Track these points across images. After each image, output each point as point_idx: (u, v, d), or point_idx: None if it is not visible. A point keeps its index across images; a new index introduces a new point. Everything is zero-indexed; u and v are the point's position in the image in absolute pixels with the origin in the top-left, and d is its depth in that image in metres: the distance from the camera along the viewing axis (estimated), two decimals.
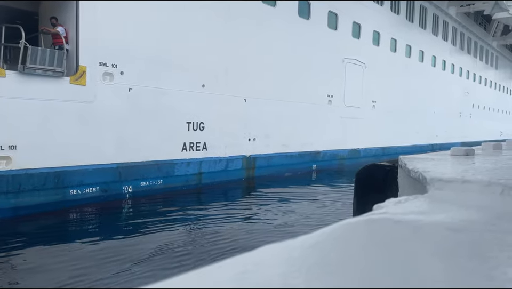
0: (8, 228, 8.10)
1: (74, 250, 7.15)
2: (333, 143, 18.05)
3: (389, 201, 1.20)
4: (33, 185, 8.83)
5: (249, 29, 13.78)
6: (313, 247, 0.78)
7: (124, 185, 10.56)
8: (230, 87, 13.25)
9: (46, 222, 8.65)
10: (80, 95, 9.56)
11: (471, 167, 1.89)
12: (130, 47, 10.48)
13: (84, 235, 8.14)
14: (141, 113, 10.82)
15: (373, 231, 0.88)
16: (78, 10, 9.50)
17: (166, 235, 8.16)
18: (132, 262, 6.53)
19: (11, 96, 8.44)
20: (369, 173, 2.86)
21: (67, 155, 9.34)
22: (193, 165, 12.30)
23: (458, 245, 0.82)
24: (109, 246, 7.38)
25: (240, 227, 9.20)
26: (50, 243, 7.41)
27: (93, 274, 5.97)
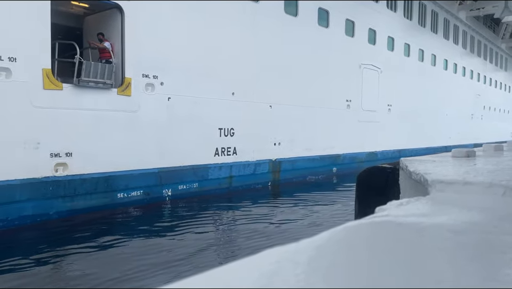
0: (65, 229, 8.78)
1: (126, 247, 7.80)
2: (351, 146, 18.63)
3: (391, 204, 1.20)
4: (86, 189, 9.53)
5: (274, 39, 14.46)
6: (316, 250, 0.78)
7: (164, 189, 11.23)
8: (256, 94, 13.92)
9: (99, 224, 9.33)
10: (126, 105, 10.28)
11: (472, 168, 1.88)
12: (168, 59, 11.18)
13: (135, 233, 8.80)
14: (178, 120, 11.51)
15: (375, 234, 0.88)
16: (123, 26, 10.23)
17: (206, 233, 8.84)
18: (178, 255, 7.19)
19: (67, 107, 9.17)
20: (370, 175, 2.86)
21: (115, 161, 10.04)
22: (224, 168, 12.96)
23: (460, 247, 0.81)
24: (156, 243, 8.03)
25: (272, 226, 9.85)
26: (106, 243, 8.09)
27: (147, 267, 6.61)
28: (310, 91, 16.13)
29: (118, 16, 10.32)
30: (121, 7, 10.13)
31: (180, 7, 11.35)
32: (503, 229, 0.95)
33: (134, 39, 10.39)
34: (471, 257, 0.76)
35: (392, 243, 0.82)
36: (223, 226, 9.87)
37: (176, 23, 11.30)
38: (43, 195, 8.79)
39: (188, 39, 11.66)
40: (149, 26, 10.68)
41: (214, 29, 12.35)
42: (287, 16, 15.03)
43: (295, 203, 12.13)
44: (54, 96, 8.93)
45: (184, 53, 11.57)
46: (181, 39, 11.49)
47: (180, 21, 11.39)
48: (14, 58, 8.26)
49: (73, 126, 9.25)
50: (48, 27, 8.80)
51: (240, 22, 13.20)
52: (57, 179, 9.01)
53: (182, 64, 11.51)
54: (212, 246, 8.04)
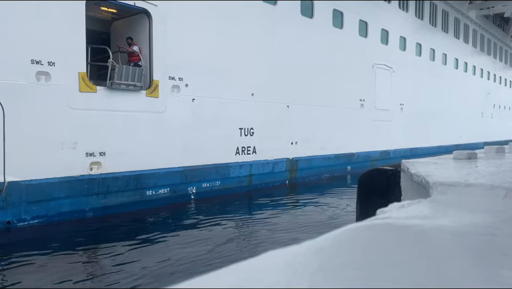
0: (100, 225, 9.24)
1: (160, 242, 8.24)
2: (365, 145, 18.95)
3: (392, 206, 1.20)
4: (118, 187, 9.98)
5: (291, 41, 14.83)
6: (317, 252, 0.78)
7: (189, 186, 11.66)
8: (275, 94, 14.31)
9: (130, 220, 9.78)
10: (154, 106, 10.72)
11: (473, 170, 1.86)
12: (193, 62, 11.60)
13: (167, 228, 9.24)
14: (202, 121, 11.93)
15: (376, 236, 0.88)
16: (151, 30, 10.66)
17: (230, 228, 9.27)
18: (209, 246, 7.60)
19: (101, 109, 9.62)
20: (372, 177, 2.86)
21: (144, 160, 10.48)
22: (245, 167, 13.37)
23: (462, 249, 0.81)
24: (187, 236, 8.45)
25: (294, 221, 10.27)
26: (139, 238, 8.53)
27: (180, 261, 7.03)
28: (325, 91, 16.49)
29: (146, 21, 10.75)
30: (149, 12, 10.56)
31: (203, 12, 11.77)
32: (504, 231, 0.94)
33: (161, 42, 10.82)
34: (473, 259, 0.76)
35: (393, 246, 0.82)
36: (246, 221, 10.28)
37: (199, 27, 11.72)
38: (79, 192, 9.26)
39: (210, 42, 12.07)
40: (175, 30, 11.11)
41: (235, 32, 12.76)
42: (303, 18, 15.40)
43: (312, 200, 12.52)
44: (88, 98, 9.39)
45: (207, 56, 11.99)
46: (204, 42, 11.91)
47: (203, 25, 11.81)
48: (53, 63, 8.73)
49: (106, 126, 9.71)
50: (84, 33, 9.26)
51: (259, 25, 13.59)
52: (92, 177, 9.47)
53: (205, 66, 11.93)
54: (237, 238, 8.47)
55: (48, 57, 8.66)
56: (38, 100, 8.56)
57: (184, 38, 11.37)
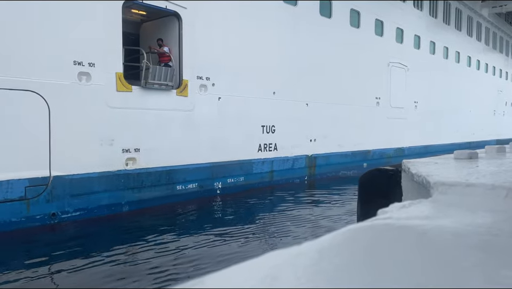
0: (136, 218, 9.75)
1: (192, 236, 8.71)
2: (380, 142, 19.28)
3: (393, 206, 1.20)
4: (151, 182, 10.48)
5: (310, 40, 15.21)
6: (318, 253, 0.78)
7: (215, 182, 12.13)
8: (295, 93, 14.71)
9: (163, 213, 10.27)
10: (183, 104, 11.18)
11: (474, 170, 1.87)
12: (219, 62, 12.04)
13: (196, 221, 9.72)
14: (227, 118, 12.38)
15: (377, 237, 0.88)
16: (181, 32, 11.12)
17: (258, 220, 9.71)
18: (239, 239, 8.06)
19: (135, 108, 10.11)
20: (372, 177, 2.86)
21: (174, 156, 10.96)
22: (267, 163, 13.81)
23: (463, 249, 0.81)
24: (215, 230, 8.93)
25: (318, 214, 10.72)
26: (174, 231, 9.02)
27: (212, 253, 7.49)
28: (343, 90, 16.85)
29: (176, 23, 11.20)
30: (179, 15, 11.01)
31: (228, 14, 12.20)
32: (506, 231, 0.94)
33: (190, 43, 11.27)
34: (474, 259, 0.75)
35: (394, 246, 0.82)
36: (269, 215, 10.72)
37: (225, 29, 12.15)
38: (116, 187, 9.77)
39: (234, 42, 12.50)
40: (202, 31, 11.55)
41: (257, 32, 13.17)
42: (322, 18, 15.76)
43: (330, 197, 12.95)
44: (125, 97, 9.88)
45: (231, 56, 12.42)
46: (229, 43, 12.34)
47: (228, 27, 12.24)
48: (93, 64, 9.22)
49: (140, 124, 10.20)
50: (120, 35, 9.74)
51: (280, 25, 13.99)
52: (127, 172, 9.97)
53: (230, 66, 12.37)
54: (259, 232, 8.93)
55: (89, 59, 9.16)
56: (80, 99, 9.06)
57: (211, 39, 11.81)
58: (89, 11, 9.14)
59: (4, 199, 7.97)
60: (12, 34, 8.07)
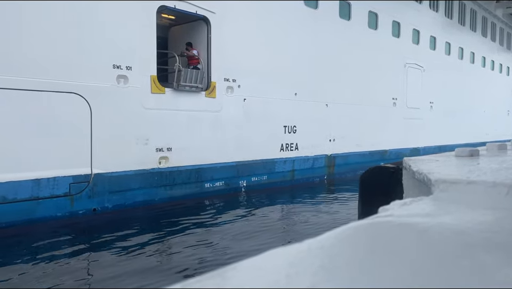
0: (167, 213, 10.21)
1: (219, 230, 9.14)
2: (397, 142, 19.56)
3: (394, 204, 1.20)
4: (182, 180, 10.94)
5: (329, 43, 15.56)
6: (319, 251, 0.79)
7: (240, 180, 12.57)
8: (315, 94, 15.08)
9: (191, 209, 10.72)
10: (212, 106, 11.63)
11: (476, 168, 1.86)
12: (244, 64, 12.47)
13: (224, 217, 10.16)
14: (251, 119, 12.81)
15: (378, 234, 0.88)
16: (210, 36, 11.56)
17: (278, 216, 10.13)
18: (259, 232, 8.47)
19: (168, 109, 10.58)
20: (373, 175, 2.85)
21: (203, 155, 11.41)
22: (288, 163, 14.21)
23: (464, 247, 0.81)
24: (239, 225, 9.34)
25: (337, 210, 11.09)
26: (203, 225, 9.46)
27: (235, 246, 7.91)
28: (361, 90, 17.18)
29: (204, 27, 11.65)
30: (208, 19, 11.46)
31: (252, 18, 12.61)
32: (507, 228, 0.94)
33: (218, 46, 11.71)
34: (475, 257, 0.75)
35: (395, 244, 0.82)
36: (292, 211, 11.12)
37: (249, 32, 12.58)
38: (150, 184, 10.24)
39: (259, 45, 12.92)
40: (229, 35, 11.99)
41: (280, 35, 13.57)
42: (341, 20, 16.11)
43: (346, 195, 13.32)
44: (158, 99, 10.35)
45: (256, 58, 12.84)
46: (254, 46, 12.76)
47: (252, 30, 12.66)
48: (130, 67, 9.70)
49: (172, 124, 10.66)
50: (154, 39, 10.21)
51: (301, 28, 14.37)
52: (160, 170, 10.45)
53: (254, 68, 12.79)
54: (283, 226, 9.34)
55: (126, 62, 9.64)
56: (118, 101, 9.55)
57: (237, 42, 12.24)
58: (126, 17, 9.61)
59: (50, 195, 8.49)
60: (58, 40, 8.57)
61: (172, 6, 10.58)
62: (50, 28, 8.46)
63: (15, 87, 8.00)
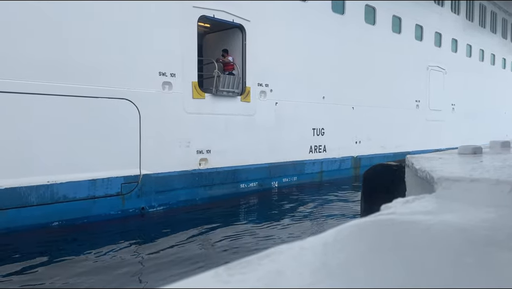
0: (206, 212, 10.74)
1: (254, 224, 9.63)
2: (419, 144, 19.81)
3: (396, 201, 1.20)
4: (220, 180, 11.48)
5: (355, 47, 15.97)
6: (321, 248, 0.78)
7: (272, 181, 13.06)
8: (342, 97, 15.50)
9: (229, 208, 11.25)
10: (246, 110, 12.16)
11: (479, 165, 1.86)
12: (275, 69, 12.97)
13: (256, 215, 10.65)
14: (282, 122, 13.30)
15: (381, 232, 0.88)
16: (244, 43, 12.10)
17: (308, 211, 10.58)
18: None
19: (208, 113, 11.14)
20: (376, 173, 2.84)
21: (238, 157, 11.94)
22: (317, 164, 14.66)
23: (467, 244, 0.80)
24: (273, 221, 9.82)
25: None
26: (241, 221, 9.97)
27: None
28: (385, 93, 17.53)
29: (239, 34, 12.20)
30: (244, 27, 12.00)
31: (283, 25, 13.12)
32: (510, 226, 0.93)
33: (252, 53, 12.25)
34: (478, 255, 0.75)
35: (398, 241, 0.82)
36: (318, 207, 11.56)
37: (281, 38, 13.08)
38: (192, 184, 10.80)
39: (290, 51, 13.41)
40: (262, 41, 12.51)
41: (308, 40, 14.05)
42: (366, 25, 16.51)
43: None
44: (199, 104, 10.92)
45: (287, 63, 13.34)
46: (285, 52, 13.26)
47: (283, 37, 13.16)
48: (174, 74, 10.29)
49: (211, 128, 11.22)
50: (196, 47, 10.79)
51: (328, 33, 14.82)
52: (201, 171, 11.01)
53: (285, 72, 13.28)
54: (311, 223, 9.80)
55: (171, 69, 10.23)
56: (163, 106, 10.13)
57: (269, 48, 12.75)
58: (170, 27, 10.21)
59: (105, 194, 9.10)
60: (111, 49, 9.20)
61: (211, 15, 11.15)
62: (104, 39, 9.08)
63: (74, 94, 8.63)
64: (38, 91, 8.01)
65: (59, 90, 8.32)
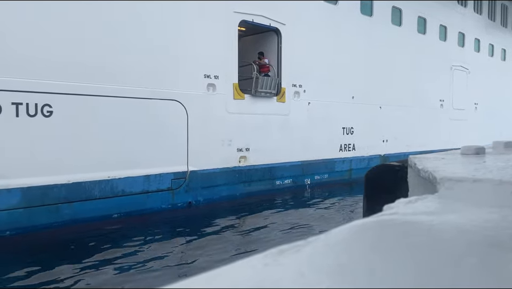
0: (245, 206, 11.30)
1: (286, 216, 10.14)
2: (443, 143, 20.05)
3: (399, 202, 1.20)
4: (258, 177, 12.03)
5: (382, 48, 16.36)
6: (323, 249, 0.78)
7: (305, 178, 13.56)
8: (370, 97, 15.92)
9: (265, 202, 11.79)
10: (282, 109, 12.69)
11: (482, 166, 1.85)
12: (308, 70, 13.47)
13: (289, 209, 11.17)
14: (314, 121, 13.78)
15: (383, 232, 0.87)
16: (280, 46, 12.63)
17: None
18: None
19: (247, 113, 11.70)
20: (378, 173, 2.83)
21: (274, 155, 12.47)
22: (346, 162, 15.11)
23: (470, 245, 0.80)
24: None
25: None
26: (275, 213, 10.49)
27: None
28: (411, 93, 17.88)
29: (275, 37, 12.73)
30: (280, 31, 12.53)
31: (316, 29, 13.60)
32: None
33: (287, 55, 12.77)
34: (481, 255, 0.74)
35: (400, 242, 0.81)
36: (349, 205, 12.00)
37: (313, 41, 13.57)
38: (232, 181, 11.37)
39: (320, 52, 13.89)
40: (296, 44, 13.02)
41: (338, 42, 14.51)
42: (393, 26, 16.89)
43: None
44: (239, 104, 11.48)
45: (318, 64, 13.82)
46: (316, 53, 13.75)
47: (315, 39, 13.65)
48: (217, 76, 10.87)
49: (250, 127, 11.78)
50: (236, 51, 11.35)
51: (358, 35, 15.25)
52: (240, 168, 11.57)
53: (317, 73, 13.77)
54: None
55: (214, 72, 10.81)
56: (208, 106, 10.72)
57: (302, 50, 13.25)
58: (214, 32, 10.79)
59: (157, 189, 9.72)
60: (161, 54, 9.81)
61: (250, 20, 11.70)
62: (157, 46, 9.70)
63: (129, 96, 9.27)
64: (103, 93, 8.67)
65: (120, 93, 8.97)
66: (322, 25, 13.81)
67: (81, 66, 8.47)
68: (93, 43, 8.67)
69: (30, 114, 7.81)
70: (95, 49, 8.68)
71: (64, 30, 8.29)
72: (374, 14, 15.92)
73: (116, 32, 9.02)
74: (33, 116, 7.85)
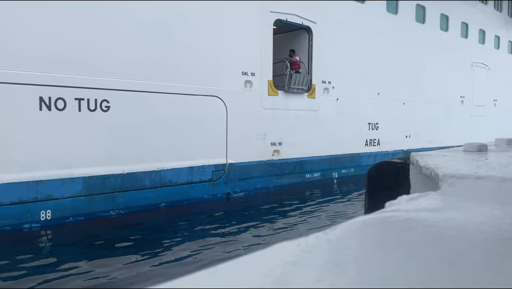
0: (276, 197, 11.81)
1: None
2: (463, 139, 20.28)
3: (401, 198, 1.20)
4: (289, 170, 12.54)
5: (406, 45, 16.70)
6: (326, 244, 0.79)
7: (332, 172, 14.04)
8: (394, 93, 16.30)
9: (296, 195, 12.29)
10: (312, 105, 13.16)
11: (484, 163, 1.84)
12: (337, 67, 13.90)
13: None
14: (342, 117, 14.23)
15: (385, 229, 0.87)
16: (311, 43, 13.08)
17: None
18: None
19: (280, 108, 12.20)
20: (381, 170, 2.85)
21: (304, 149, 12.96)
22: (371, 157, 15.52)
23: (472, 242, 0.80)
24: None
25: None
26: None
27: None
28: (433, 89, 18.20)
29: (306, 35, 13.18)
30: (311, 29, 12.97)
31: (345, 27, 14.01)
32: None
33: (318, 52, 13.21)
34: (483, 253, 0.74)
35: (402, 238, 0.81)
36: None
37: (342, 39, 13.98)
38: (266, 173, 11.90)
39: (348, 50, 14.30)
40: (326, 42, 13.46)
41: (365, 40, 14.89)
42: (417, 24, 17.21)
43: None
44: (273, 100, 11.98)
45: (345, 61, 14.24)
46: (344, 51, 14.16)
47: (344, 38, 14.06)
48: (253, 73, 11.38)
49: (283, 122, 12.27)
50: (271, 49, 11.83)
51: (383, 33, 15.62)
52: (273, 162, 12.09)
53: (345, 70, 14.19)
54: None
55: (251, 69, 11.32)
56: (245, 102, 11.24)
57: (332, 47, 13.68)
58: (251, 31, 11.28)
59: (199, 180, 10.30)
60: (204, 52, 10.34)
61: (284, 19, 12.17)
62: (199, 44, 10.23)
63: (175, 92, 9.82)
64: (156, 90, 9.24)
65: (169, 89, 9.53)
66: (350, 24, 14.22)
67: (136, 65, 9.04)
68: (147, 44, 9.22)
69: (91, 109, 8.40)
70: (148, 49, 9.23)
71: (124, 32, 8.86)
72: (399, 12, 16.25)
73: (170, 34, 9.58)
74: (93, 111, 8.44)
